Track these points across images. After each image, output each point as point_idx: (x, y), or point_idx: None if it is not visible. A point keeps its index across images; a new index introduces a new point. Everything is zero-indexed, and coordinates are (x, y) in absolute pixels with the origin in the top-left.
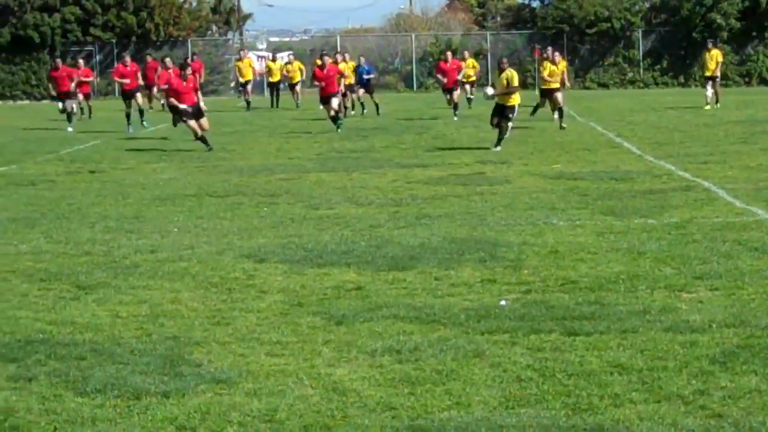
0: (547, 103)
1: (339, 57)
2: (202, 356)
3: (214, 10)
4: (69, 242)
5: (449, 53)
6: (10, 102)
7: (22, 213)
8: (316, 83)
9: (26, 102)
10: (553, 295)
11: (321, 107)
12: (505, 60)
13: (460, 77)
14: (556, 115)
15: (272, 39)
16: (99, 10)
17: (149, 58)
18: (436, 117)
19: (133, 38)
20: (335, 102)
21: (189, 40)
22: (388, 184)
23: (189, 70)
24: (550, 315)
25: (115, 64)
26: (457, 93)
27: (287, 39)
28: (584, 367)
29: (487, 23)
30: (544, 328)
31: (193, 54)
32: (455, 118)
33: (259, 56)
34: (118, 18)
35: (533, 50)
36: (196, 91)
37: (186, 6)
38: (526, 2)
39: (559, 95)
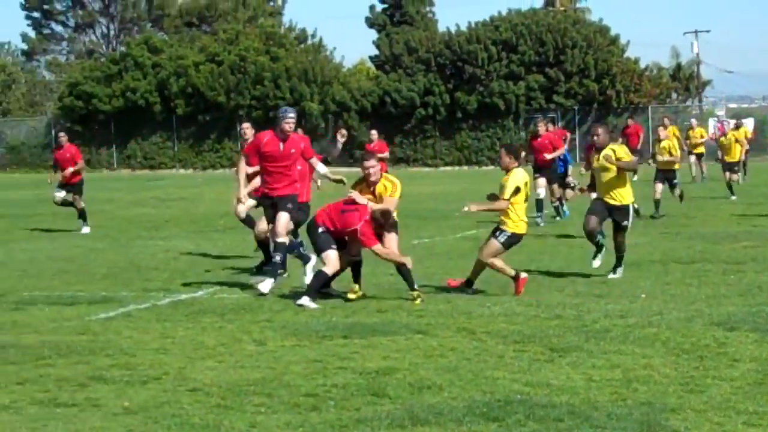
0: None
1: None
2: (678, 423)
3: (674, 77)
4: (540, 305)
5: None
6: (476, 167)
7: (494, 276)
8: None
9: (490, 168)
10: None
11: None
12: None
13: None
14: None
15: (731, 105)
16: (562, 77)
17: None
18: None
19: (594, 105)
20: None
21: (649, 107)
22: None
23: None
24: None
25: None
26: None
27: (746, 105)
28: None
29: None
30: None
31: (629, 117)
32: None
33: (720, 121)
34: (580, 85)
35: None
36: None
37: (647, 73)
38: None
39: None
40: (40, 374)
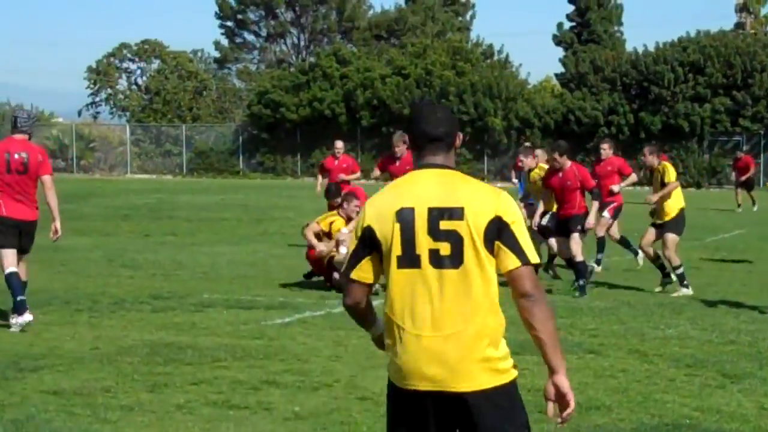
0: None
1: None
2: None
3: None
4: (715, 330)
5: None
6: None
7: (668, 298)
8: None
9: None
10: None
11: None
12: None
13: None
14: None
15: None
16: (749, 101)
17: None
18: None
19: None
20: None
21: None
22: None
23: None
24: None
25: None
26: None
27: None
28: None
29: None
30: None
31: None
32: None
33: None
34: (767, 109)
35: None
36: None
37: None
38: None
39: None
40: (215, 376)
